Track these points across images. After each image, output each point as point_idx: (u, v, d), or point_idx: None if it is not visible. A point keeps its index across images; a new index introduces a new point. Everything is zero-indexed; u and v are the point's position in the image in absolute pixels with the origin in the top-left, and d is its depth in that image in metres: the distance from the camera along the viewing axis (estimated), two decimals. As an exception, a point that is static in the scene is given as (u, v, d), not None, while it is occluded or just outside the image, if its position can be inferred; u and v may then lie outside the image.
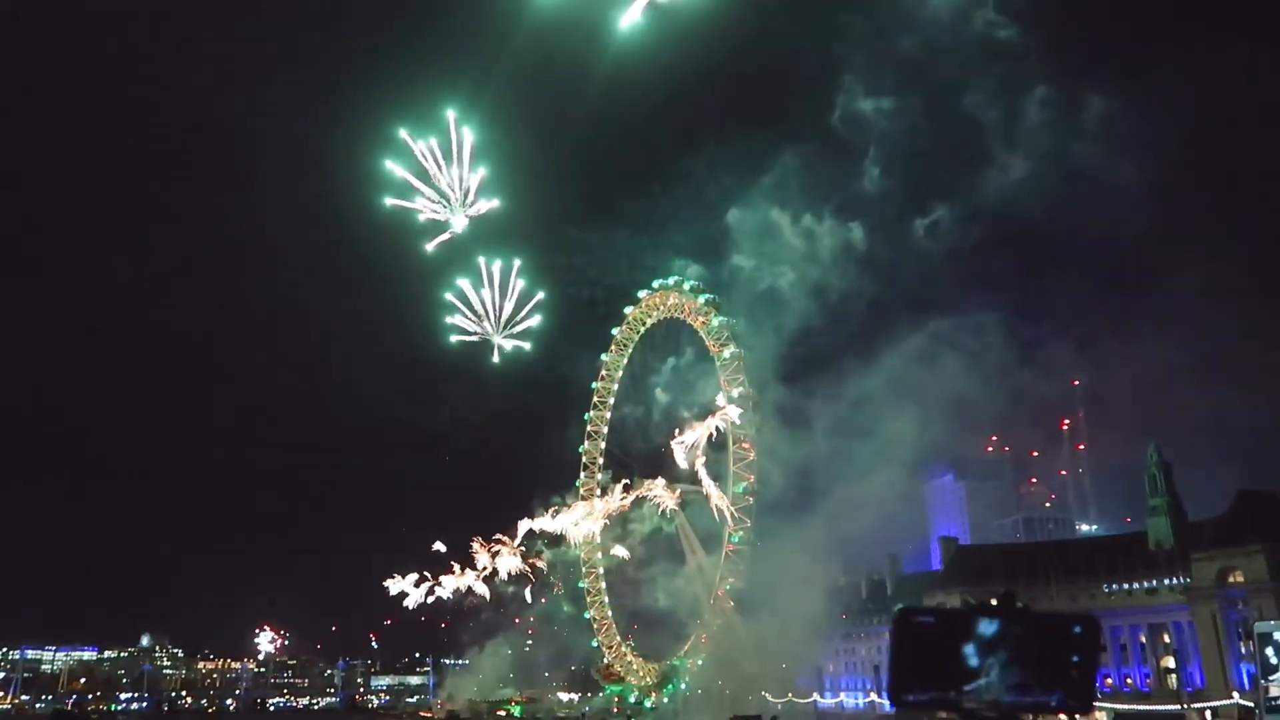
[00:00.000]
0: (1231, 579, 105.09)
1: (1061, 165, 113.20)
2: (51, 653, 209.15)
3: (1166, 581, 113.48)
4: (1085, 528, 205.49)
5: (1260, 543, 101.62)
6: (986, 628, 5.18)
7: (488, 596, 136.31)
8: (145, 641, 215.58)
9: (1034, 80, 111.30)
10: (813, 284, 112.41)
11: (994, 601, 5.42)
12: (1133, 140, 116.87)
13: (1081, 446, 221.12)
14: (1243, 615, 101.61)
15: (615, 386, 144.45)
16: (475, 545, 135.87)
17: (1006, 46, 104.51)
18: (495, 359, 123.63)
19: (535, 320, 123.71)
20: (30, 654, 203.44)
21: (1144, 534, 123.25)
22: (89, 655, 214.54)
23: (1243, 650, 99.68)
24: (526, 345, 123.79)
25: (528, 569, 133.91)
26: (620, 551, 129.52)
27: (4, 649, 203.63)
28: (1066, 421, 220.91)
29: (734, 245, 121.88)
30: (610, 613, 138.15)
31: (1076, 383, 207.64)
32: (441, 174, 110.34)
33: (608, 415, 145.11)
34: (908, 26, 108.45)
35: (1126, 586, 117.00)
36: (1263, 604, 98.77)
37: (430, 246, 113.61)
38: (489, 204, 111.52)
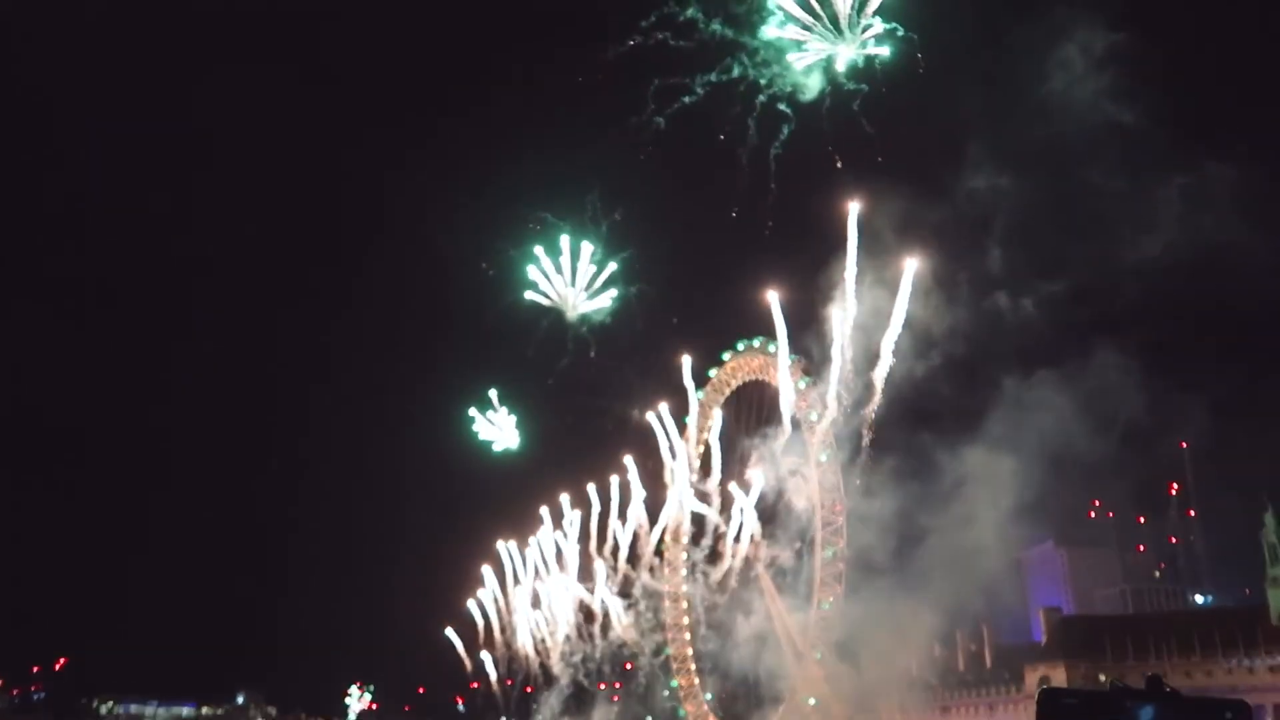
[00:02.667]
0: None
1: (1191, 235, 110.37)
2: (153, 707, 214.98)
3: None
4: (1199, 599, 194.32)
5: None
6: (1135, 712, 5.08)
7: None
8: (240, 699, 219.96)
9: (1160, 152, 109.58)
10: (915, 346, 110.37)
11: (1143, 683, 5.33)
12: (1268, 209, 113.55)
13: (1192, 513, 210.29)
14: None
15: (700, 449, 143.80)
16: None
17: (1133, 124, 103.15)
18: None
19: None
20: (133, 708, 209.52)
21: (1264, 606, 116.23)
22: (187, 711, 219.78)
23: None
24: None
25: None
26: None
27: (109, 703, 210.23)
28: (1175, 486, 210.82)
29: (840, 307, 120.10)
30: (697, 680, 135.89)
31: (1185, 445, 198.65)
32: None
33: (693, 477, 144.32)
34: (1033, 104, 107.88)
35: (1248, 663, 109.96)
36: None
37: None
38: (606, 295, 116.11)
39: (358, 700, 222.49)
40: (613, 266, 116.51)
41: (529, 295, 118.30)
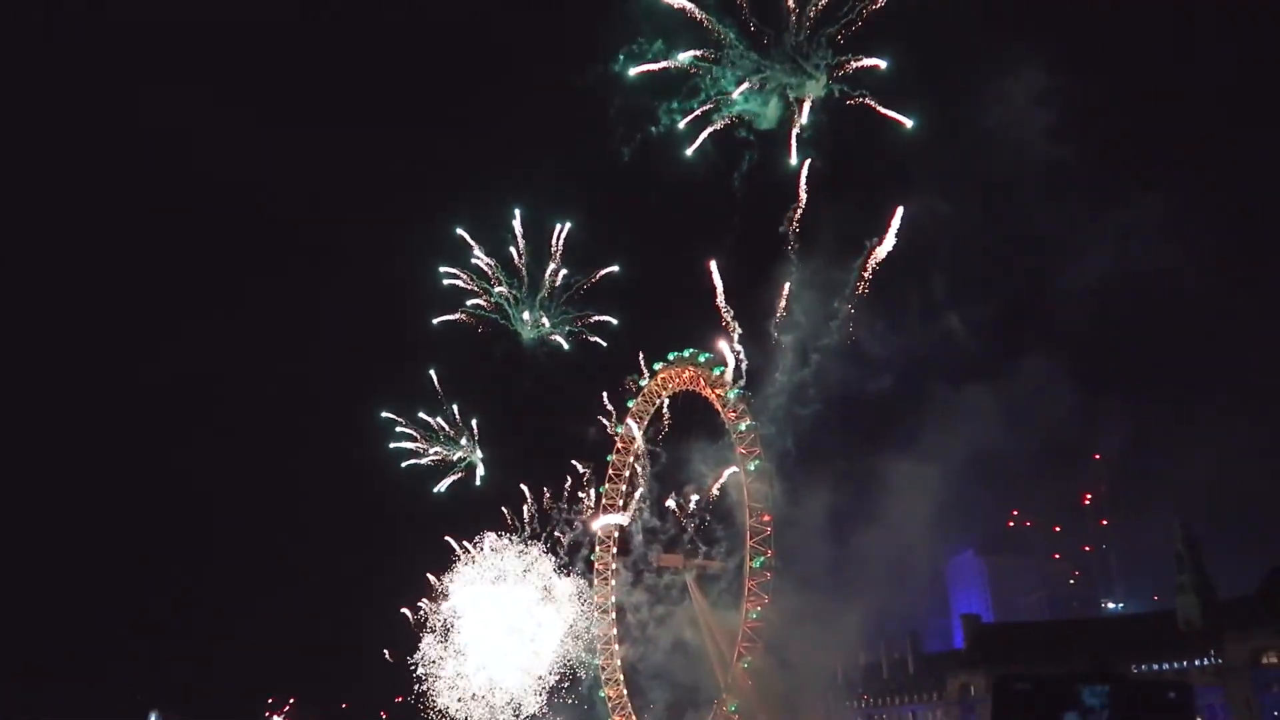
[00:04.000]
0: (1265, 660, 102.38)
1: (1118, 263, 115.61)
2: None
3: (1198, 662, 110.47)
4: (1111, 605, 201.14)
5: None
6: (1085, 695, 5.10)
7: None
8: (153, 718, 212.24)
9: (1093, 185, 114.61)
10: (845, 358, 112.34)
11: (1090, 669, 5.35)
12: (1182, 236, 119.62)
13: (1105, 522, 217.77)
14: (1278, 697, 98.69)
15: (631, 459, 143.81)
16: None
17: (1069, 159, 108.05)
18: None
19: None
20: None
21: (1173, 612, 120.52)
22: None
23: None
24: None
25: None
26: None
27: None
28: (1089, 496, 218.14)
29: (770, 324, 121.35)
30: (626, 690, 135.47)
31: (1098, 456, 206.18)
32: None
33: (623, 489, 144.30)
34: (976, 137, 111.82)
35: (1156, 667, 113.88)
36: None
37: None
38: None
39: None
40: (614, 268, 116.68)
41: (444, 318, 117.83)
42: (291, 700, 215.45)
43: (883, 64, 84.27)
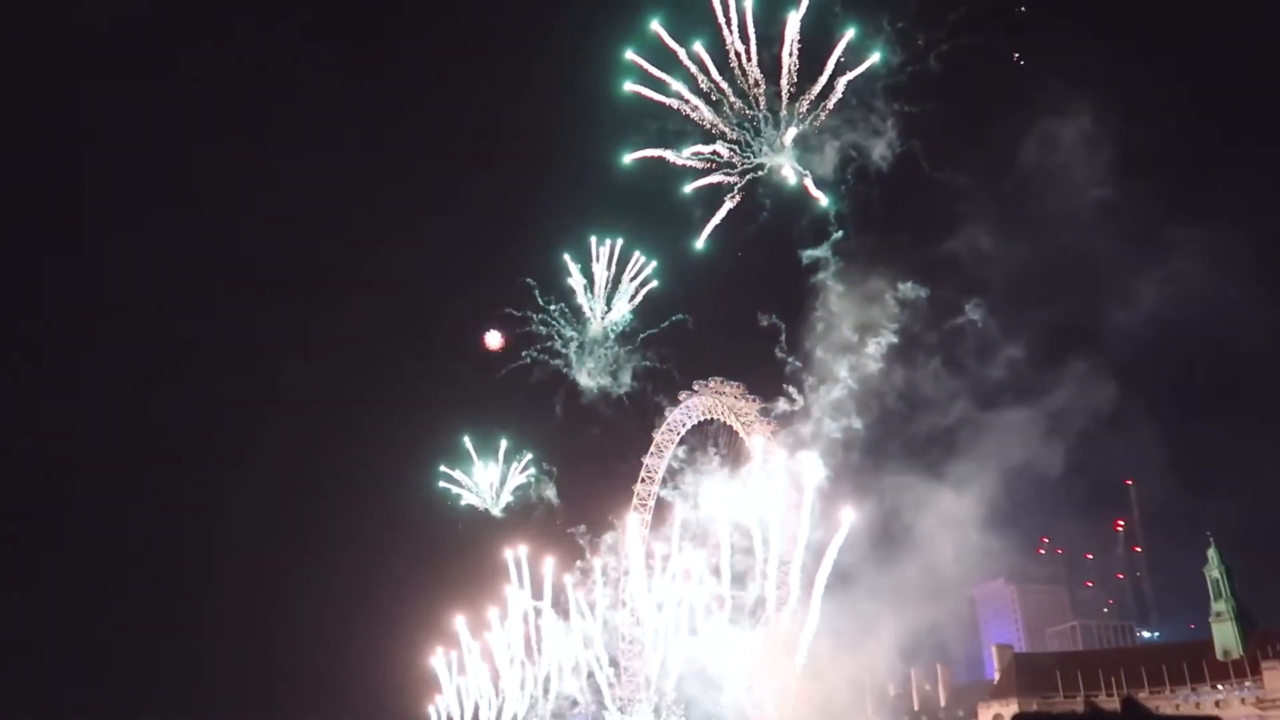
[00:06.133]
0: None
1: (1155, 298, 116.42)
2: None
3: (1237, 692, 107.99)
4: (1146, 634, 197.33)
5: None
6: None
7: None
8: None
9: (1140, 221, 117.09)
10: (882, 389, 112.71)
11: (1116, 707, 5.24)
12: (1218, 258, 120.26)
13: (1138, 549, 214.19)
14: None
15: (656, 489, 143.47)
16: None
17: (1116, 198, 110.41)
18: None
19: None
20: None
21: (1209, 641, 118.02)
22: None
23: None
24: None
25: None
26: None
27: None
28: (1121, 523, 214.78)
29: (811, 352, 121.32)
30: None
31: (1130, 482, 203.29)
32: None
33: (649, 518, 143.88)
34: (1025, 178, 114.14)
35: (1195, 698, 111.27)
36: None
37: None
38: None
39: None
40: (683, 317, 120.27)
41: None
42: None
43: None
